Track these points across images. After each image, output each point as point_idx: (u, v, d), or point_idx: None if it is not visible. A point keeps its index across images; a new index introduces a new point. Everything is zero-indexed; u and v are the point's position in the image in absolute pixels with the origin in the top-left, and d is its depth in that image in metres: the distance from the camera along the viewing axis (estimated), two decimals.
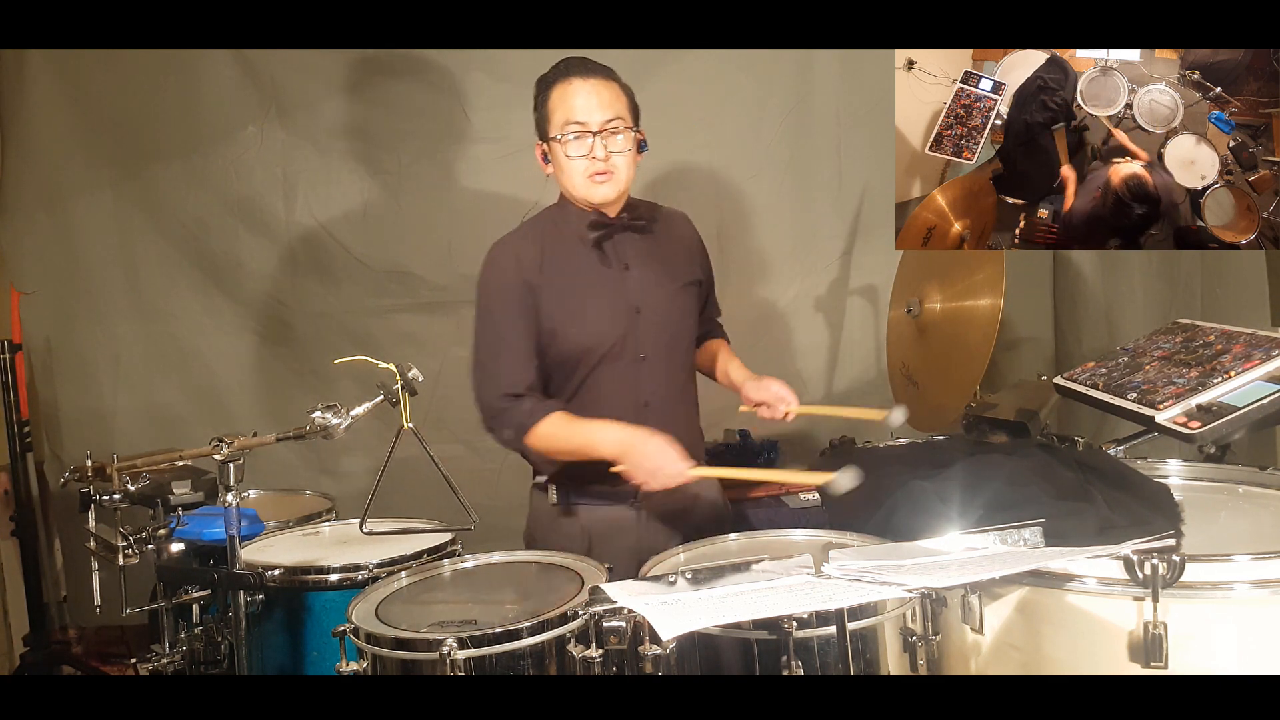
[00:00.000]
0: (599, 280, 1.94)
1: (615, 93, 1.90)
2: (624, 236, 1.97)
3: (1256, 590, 1.36)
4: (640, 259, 1.97)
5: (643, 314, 1.94)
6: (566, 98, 1.87)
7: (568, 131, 1.86)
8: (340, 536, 2.11)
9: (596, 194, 1.90)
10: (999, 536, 1.44)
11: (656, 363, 1.96)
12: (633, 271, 1.96)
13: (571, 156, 1.87)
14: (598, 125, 1.86)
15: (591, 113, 1.86)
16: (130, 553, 1.86)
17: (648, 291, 1.95)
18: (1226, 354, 1.90)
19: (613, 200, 1.94)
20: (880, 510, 1.68)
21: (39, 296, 3.16)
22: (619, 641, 1.38)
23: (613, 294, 1.94)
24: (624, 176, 1.91)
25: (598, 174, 1.88)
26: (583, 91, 1.87)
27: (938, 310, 2.28)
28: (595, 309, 1.93)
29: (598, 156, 1.86)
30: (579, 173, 1.88)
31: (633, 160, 1.93)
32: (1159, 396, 1.85)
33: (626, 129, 1.89)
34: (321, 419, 1.65)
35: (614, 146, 1.88)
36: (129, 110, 3.05)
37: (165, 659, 1.94)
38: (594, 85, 1.87)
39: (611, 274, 1.95)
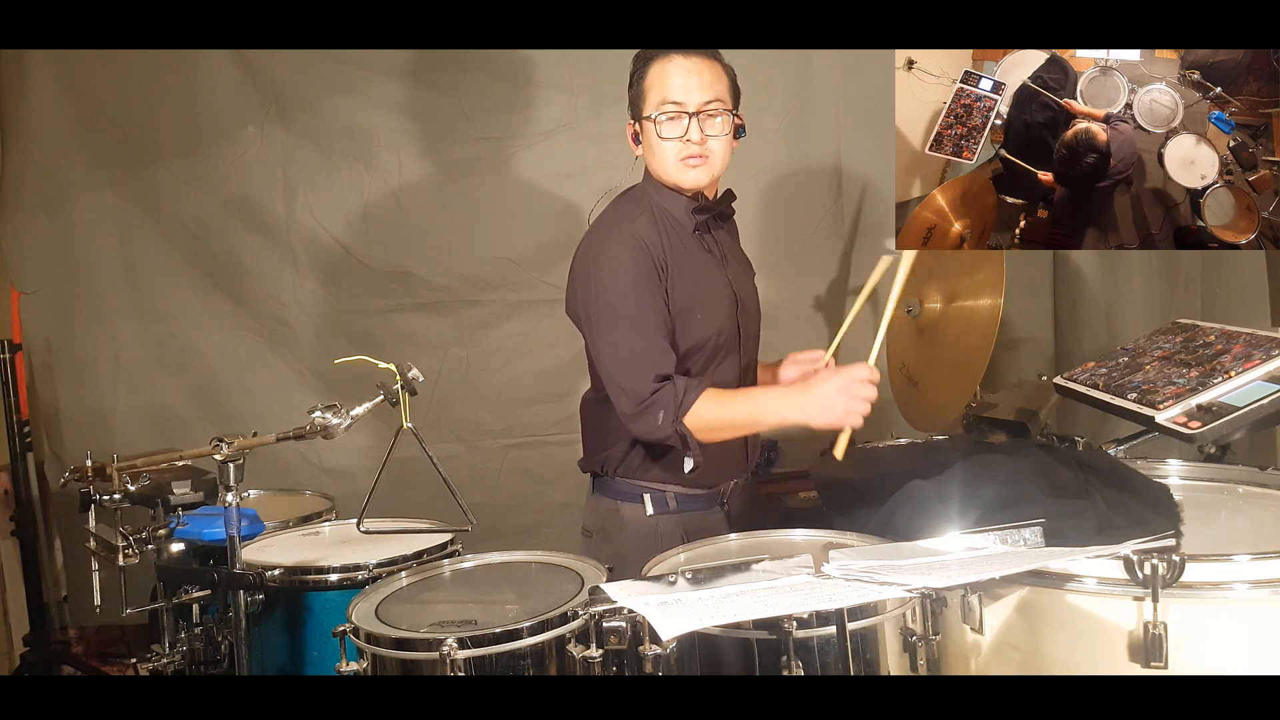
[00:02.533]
0: (710, 269, 1.87)
1: (717, 73, 1.81)
2: (718, 226, 1.93)
3: (1256, 590, 1.35)
4: (728, 249, 1.93)
5: (743, 309, 1.90)
6: (665, 75, 1.78)
7: (663, 111, 1.78)
8: (340, 536, 2.11)
9: (688, 178, 1.82)
10: (999, 536, 1.44)
11: (751, 357, 1.94)
12: (730, 264, 1.91)
13: (665, 138, 1.79)
14: (695, 106, 1.77)
15: (690, 93, 1.77)
16: (130, 553, 1.86)
17: (741, 283, 1.92)
18: (1226, 354, 1.90)
19: (704, 186, 1.85)
20: (880, 510, 1.68)
21: (39, 296, 3.16)
22: (619, 641, 1.38)
23: (720, 284, 1.88)
24: (719, 162, 1.83)
25: (690, 158, 1.80)
26: (682, 70, 1.77)
27: (938, 310, 2.28)
28: (710, 301, 1.85)
29: (692, 139, 1.78)
30: (671, 155, 1.80)
31: (729, 146, 1.84)
32: (1159, 396, 1.85)
33: (725, 112, 1.80)
34: (321, 419, 1.65)
35: (711, 130, 1.79)
36: (129, 110, 3.06)
37: (165, 659, 1.94)
38: (695, 64, 1.78)
39: (716, 263, 1.88)
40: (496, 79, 3.01)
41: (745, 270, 1.97)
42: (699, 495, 1.90)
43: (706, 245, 1.88)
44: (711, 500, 1.93)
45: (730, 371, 1.89)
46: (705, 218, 1.86)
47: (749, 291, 1.94)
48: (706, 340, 1.83)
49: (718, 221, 1.92)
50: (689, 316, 1.81)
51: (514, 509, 3.03)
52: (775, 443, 3.06)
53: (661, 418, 1.74)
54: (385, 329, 3.11)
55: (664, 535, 1.87)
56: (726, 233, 1.96)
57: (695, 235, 1.86)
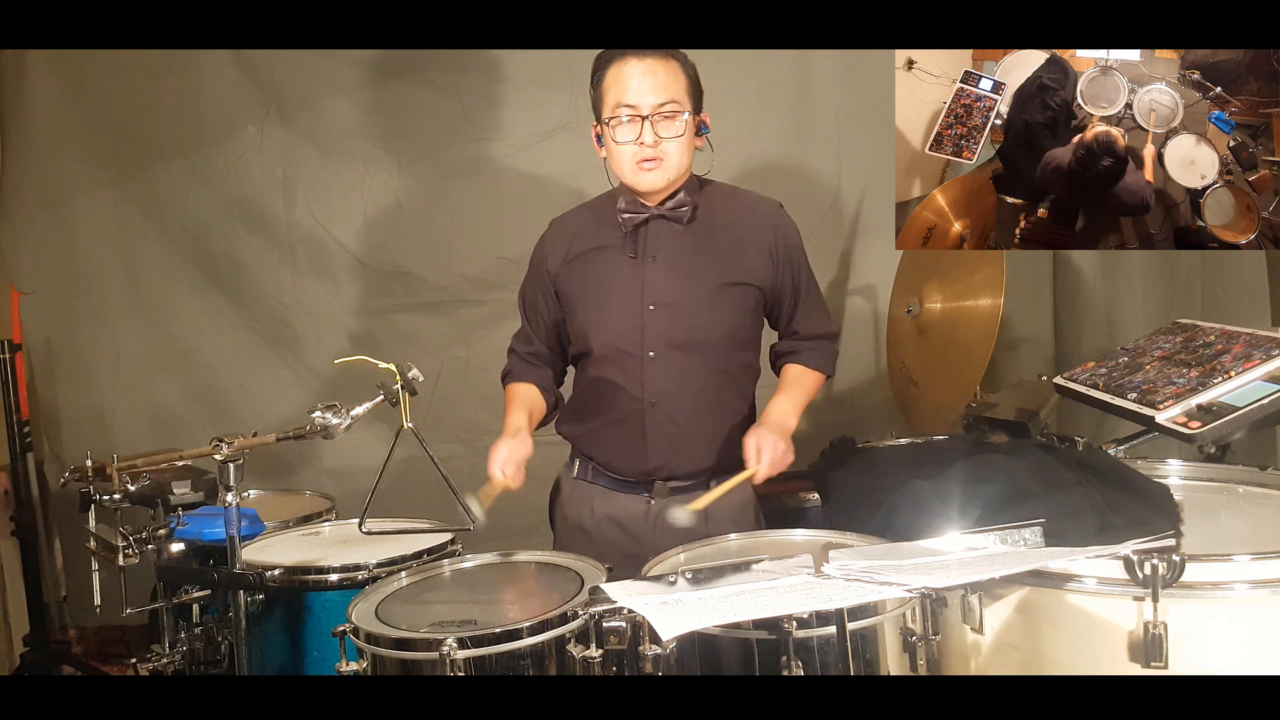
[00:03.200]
0: (618, 272, 1.89)
1: (674, 73, 1.80)
2: (660, 225, 1.88)
3: (1256, 590, 1.35)
4: (671, 250, 1.88)
5: (657, 310, 1.87)
6: (620, 78, 1.79)
7: (619, 114, 1.79)
8: (340, 536, 2.11)
9: (643, 181, 1.83)
10: (999, 536, 1.44)
11: (667, 362, 1.87)
12: (660, 263, 1.88)
13: (620, 142, 1.80)
14: (649, 109, 1.77)
15: (644, 95, 1.77)
16: (130, 553, 1.86)
17: (667, 287, 1.87)
18: (1226, 354, 1.90)
19: (661, 188, 1.85)
20: (880, 510, 1.68)
21: (39, 296, 3.16)
22: (619, 641, 1.38)
23: (626, 287, 1.88)
24: (675, 164, 1.82)
25: (645, 161, 1.80)
26: (637, 72, 1.78)
27: (938, 310, 2.28)
28: (605, 302, 1.89)
29: (646, 142, 1.78)
30: (627, 159, 1.81)
31: (688, 146, 1.83)
32: (1159, 396, 1.85)
33: (682, 113, 1.79)
34: (321, 419, 1.65)
35: (666, 132, 1.79)
36: (129, 110, 3.06)
37: (165, 659, 1.94)
38: (650, 65, 1.78)
39: (633, 265, 1.89)
40: (496, 79, 3.01)
41: (693, 273, 1.88)
42: (613, 477, 1.96)
43: (629, 245, 1.89)
44: (629, 487, 1.95)
45: (632, 363, 1.89)
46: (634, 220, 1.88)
47: (679, 294, 1.86)
48: (594, 341, 1.91)
49: (665, 222, 1.88)
50: (583, 306, 1.92)
51: (514, 509, 3.02)
52: None
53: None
54: (385, 329, 3.11)
55: (580, 499, 2.01)
56: (688, 234, 1.89)
57: (628, 237, 1.89)
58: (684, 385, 1.89)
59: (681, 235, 1.89)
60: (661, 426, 1.89)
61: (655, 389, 1.88)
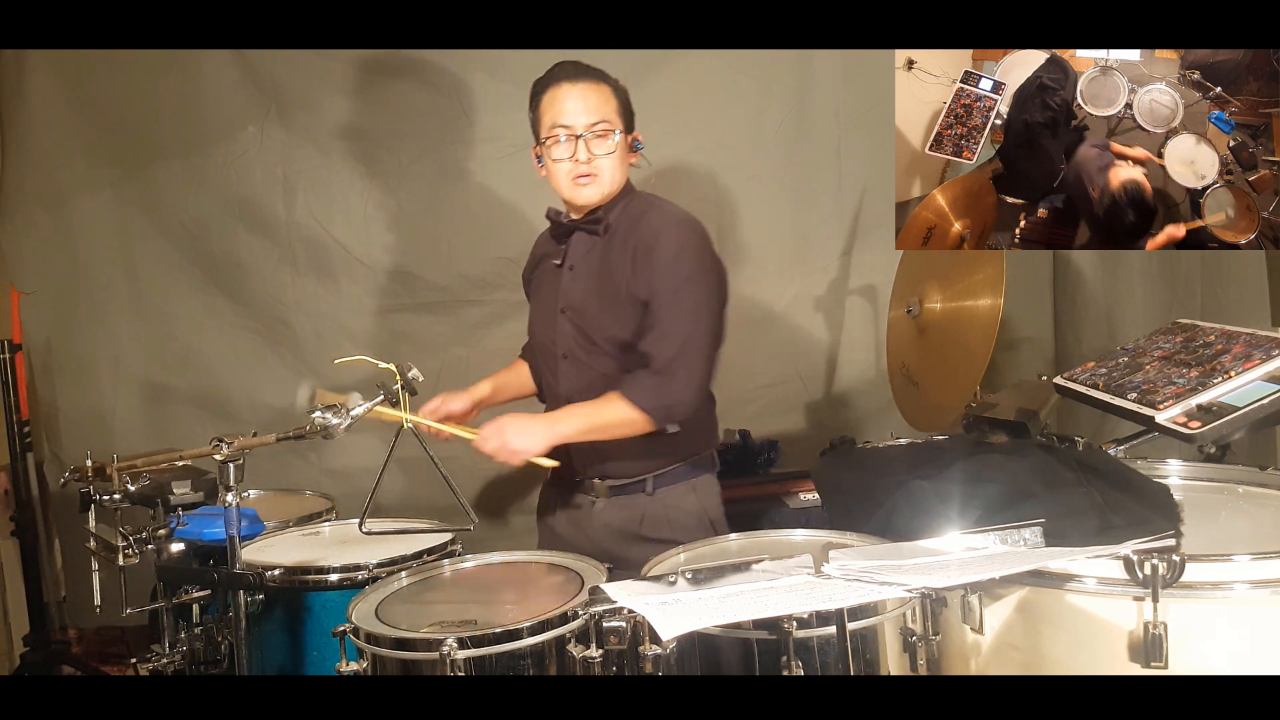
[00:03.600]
0: (548, 277, 2.09)
1: (604, 95, 1.95)
2: (581, 237, 2.03)
3: (1256, 590, 1.35)
4: (584, 260, 2.03)
5: (566, 314, 2.02)
6: (555, 101, 1.94)
7: (555, 134, 1.93)
8: (340, 536, 2.11)
9: (580, 195, 1.96)
10: (999, 536, 1.44)
11: (577, 363, 2.01)
12: (575, 272, 2.03)
13: (556, 159, 1.94)
14: (582, 128, 1.91)
15: (577, 116, 1.91)
16: (130, 553, 1.86)
17: (574, 293, 2.02)
18: (1226, 354, 1.90)
19: (595, 202, 1.98)
20: (880, 510, 1.68)
21: (39, 296, 3.16)
22: (619, 641, 1.38)
23: (549, 294, 2.08)
24: (608, 179, 1.96)
25: (580, 176, 1.94)
26: (570, 95, 1.92)
27: (938, 310, 2.28)
28: (537, 304, 2.14)
29: (580, 159, 1.92)
30: (564, 175, 1.95)
31: (620, 162, 1.97)
32: (1159, 396, 1.85)
33: (614, 131, 1.93)
34: (321, 419, 1.65)
35: (599, 149, 1.93)
36: (129, 110, 3.05)
37: (165, 659, 1.93)
38: (581, 89, 1.93)
39: (557, 272, 2.06)
40: (496, 79, 3.01)
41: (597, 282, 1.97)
42: (560, 477, 2.08)
43: (560, 256, 2.06)
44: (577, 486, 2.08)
45: (553, 365, 2.08)
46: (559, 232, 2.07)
47: (583, 301, 2.00)
48: (532, 330, 2.18)
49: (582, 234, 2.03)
50: (530, 308, 2.19)
51: (515, 509, 3.03)
52: (775, 443, 3.06)
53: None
54: (385, 329, 3.10)
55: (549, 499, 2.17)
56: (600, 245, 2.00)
57: (559, 246, 2.07)
58: (590, 386, 1.98)
59: (597, 246, 2.02)
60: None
61: (567, 388, 2.03)
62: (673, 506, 2.02)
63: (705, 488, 2.07)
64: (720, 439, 3.08)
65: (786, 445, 3.07)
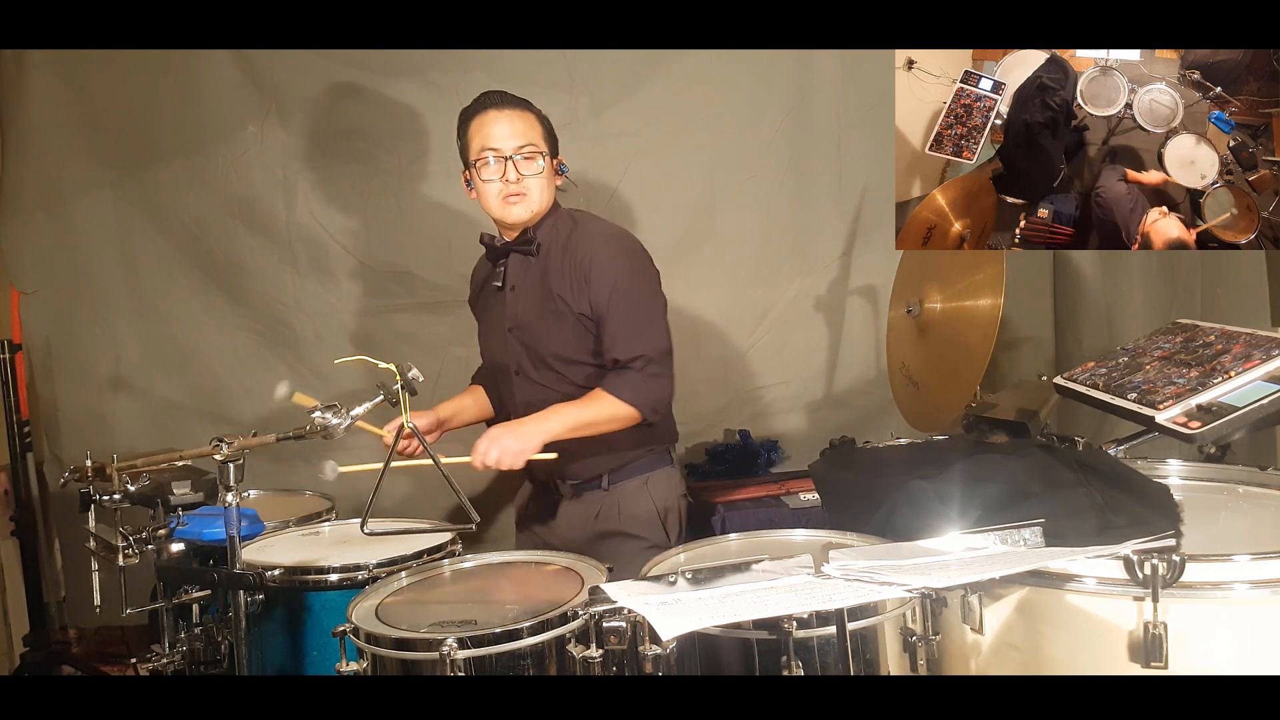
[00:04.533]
0: (492, 299, 2.17)
1: (529, 122, 2.05)
2: (516, 258, 2.12)
3: (1256, 590, 1.35)
4: (523, 280, 2.11)
5: (513, 333, 2.11)
6: (483, 126, 2.03)
7: (484, 156, 2.01)
8: (340, 536, 2.11)
9: (510, 214, 2.05)
10: (999, 536, 1.44)
11: (529, 377, 2.10)
12: (517, 292, 2.11)
13: (486, 180, 2.03)
14: (510, 150, 2.01)
15: (504, 139, 2.01)
16: (130, 553, 1.86)
17: (518, 312, 2.10)
18: (1226, 354, 1.90)
19: (525, 220, 2.07)
20: (880, 510, 1.68)
21: (39, 296, 3.16)
22: (619, 641, 1.38)
23: (496, 314, 2.15)
24: (536, 199, 2.04)
25: (510, 195, 2.02)
26: (498, 120, 2.03)
27: (938, 310, 2.28)
28: (486, 325, 2.22)
29: (510, 179, 2.01)
30: (494, 195, 2.04)
31: (548, 183, 2.06)
32: (1159, 396, 1.85)
33: (540, 154, 2.03)
34: (321, 419, 1.65)
35: (527, 170, 2.02)
36: (129, 110, 3.05)
37: (165, 659, 1.94)
38: (508, 115, 2.03)
39: (499, 295, 2.14)
40: (496, 79, 2.99)
41: (537, 300, 2.07)
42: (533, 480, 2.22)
43: (500, 277, 2.14)
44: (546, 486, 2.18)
45: (507, 382, 2.16)
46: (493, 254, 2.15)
47: (527, 319, 2.08)
48: (484, 350, 2.27)
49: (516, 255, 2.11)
50: (479, 328, 2.28)
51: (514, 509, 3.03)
52: (775, 443, 3.07)
53: None
54: (385, 329, 3.10)
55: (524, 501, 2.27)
56: (536, 264, 2.09)
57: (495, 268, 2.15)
58: (540, 399, 2.07)
59: (532, 266, 2.10)
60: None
61: (520, 400, 2.13)
62: (626, 500, 2.12)
63: (659, 481, 2.16)
64: (721, 439, 3.11)
65: (786, 445, 3.07)
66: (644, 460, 2.14)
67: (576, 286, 2.02)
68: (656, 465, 2.17)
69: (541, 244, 2.08)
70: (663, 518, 2.14)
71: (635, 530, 2.10)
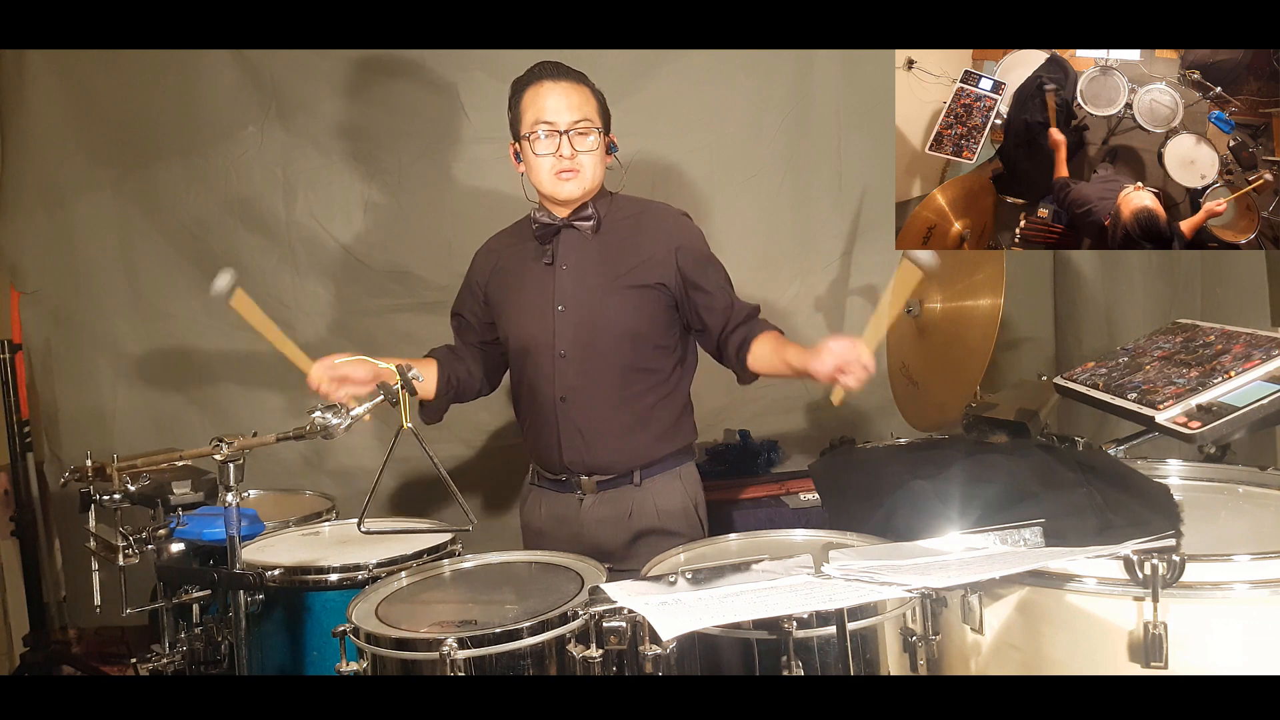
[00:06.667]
0: (533, 278, 2.06)
1: (585, 96, 1.98)
2: (570, 235, 2.04)
3: (1256, 590, 1.35)
4: (580, 258, 2.03)
5: (565, 312, 2.02)
6: (538, 99, 1.96)
7: (537, 130, 1.95)
8: (340, 536, 2.11)
9: (562, 191, 1.99)
10: (999, 536, 1.44)
11: (576, 360, 2.01)
12: (567, 269, 2.03)
13: (539, 154, 1.96)
14: (566, 125, 1.94)
15: (560, 113, 1.94)
16: (130, 553, 1.86)
17: (575, 290, 2.02)
18: (1226, 354, 1.90)
19: (577, 197, 2.01)
20: (880, 510, 1.68)
21: (39, 296, 3.16)
22: (619, 641, 1.38)
23: (539, 292, 2.05)
24: (589, 175, 1.98)
25: (563, 172, 1.96)
26: (553, 93, 1.95)
27: (938, 310, 2.28)
28: (522, 305, 2.07)
29: (564, 155, 1.94)
30: (546, 170, 1.97)
31: (600, 161, 2.01)
32: (1159, 396, 1.85)
33: (594, 130, 1.97)
34: (321, 419, 1.64)
35: (581, 146, 1.96)
36: (129, 110, 3.05)
37: (165, 659, 1.93)
38: (564, 88, 1.96)
39: (546, 271, 2.05)
40: (496, 79, 2.99)
41: (598, 277, 2.02)
42: (550, 478, 2.12)
43: (544, 254, 2.05)
44: (562, 486, 2.09)
45: (542, 372, 2.05)
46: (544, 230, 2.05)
47: (585, 297, 2.01)
48: (515, 341, 2.09)
49: (573, 231, 2.04)
50: (505, 310, 2.12)
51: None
52: (775, 443, 3.06)
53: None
54: (385, 329, 3.10)
55: (532, 502, 2.17)
56: (595, 241, 2.04)
57: (543, 245, 2.06)
58: (592, 382, 2.01)
59: (589, 243, 2.04)
60: (572, 421, 2.03)
61: (564, 385, 2.02)
62: (661, 495, 2.06)
63: (688, 476, 2.13)
64: (721, 439, 3.11)
65: (786, 445, 3.07)
66: (674, 454, 2.10)
67: (661, 259, 2.01)
68: (684, 459, 2.13)
69: (604, 221, 2.04)
70: (696, 512, 2.11)
71: (673, 526, 2.05)
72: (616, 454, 2.03)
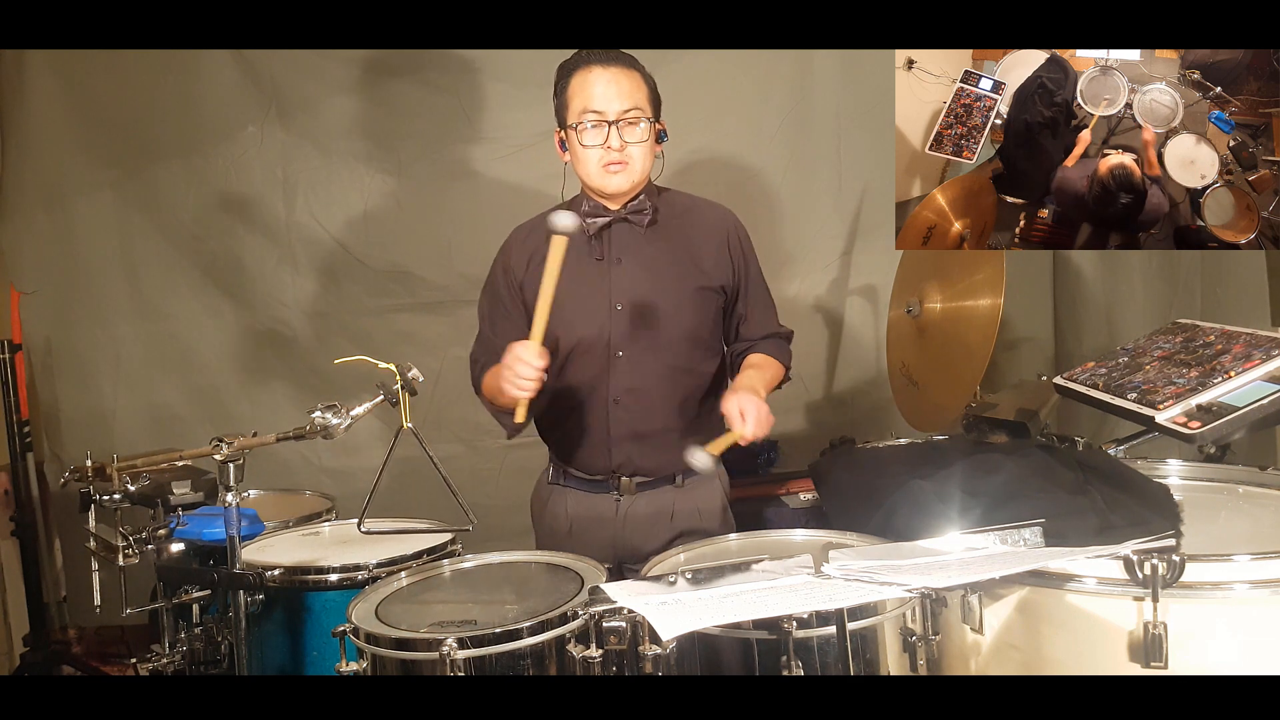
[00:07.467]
0: (584, 274, 1.92)
1: (636, 82, 1.87)
2: (623, 228, 1.94)
3: (1256, 590, 1.35)
4: (636, 253, 1.94)
5: (623, 310, 1.92)
6: (585, 86, 1.85)
7: (584, 120, 1.84)
8: (340, 536, 2.11)
9: (610, 184, 1.89)
10: (999, 536, 1.44)
11: (633, 361, 1.93)
12: (624, 266, 1.93)
13: (587, 145, 1.86)
14: (615, 115, 1.84)
15: (609, 102, 1.84)
16: (130, 553, 1.86)
17: (633, 288, 1.92)
18: (1226, 354, 1.90)
19: (625, 191, 1.91)
20: (880, 510, 1.68)
21: (39, 296, 3.16)
22: (619, 641, 1.38)
23: (594, 288, 1.93)
24: (639, 167, 1.89)
25: (612, 164, 1.86)
26: (602, 80, 1.84)
27: (938, 310, 2.28)
28: (573, 303, 1.90)
29: (613, 146, 1.84)
30: (594, 162, 1.87)
31: (650, 151, 1.90)
32: (1159, 396, 1.85)
33: (644, 120, 1.87)
34: (321, 419, 1.65)
35: (630, 137, 1.85)
36: (129, 110, 3.05)
37: (165, 659, 1.93)
38: (614, 74, 1.85)
39: (599, 268, 1.94)
40: (496, 79, 3.01)
41: (658, 275, 1.93)
42: (582, 478, 2.02)
43: (597, 248, 1.94)
44: (597, 486, 2.02)
45: (593, 372, 1.95)
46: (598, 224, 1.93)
47: (645, 296, 1.92)
48: (567, 331, 1.92)
49: (628, 225, 1.94)
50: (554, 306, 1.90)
51: (514, 509, 3.03)
52: (775, 443, 3.06)
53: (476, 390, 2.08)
54: (385, 329, 3.10)
55: (555, 502, 2.06)
56: (650, 236, 1.95)
57: (593, 239, 1.93)
58: (648, 383, 1.94)
59: (644, 238, 1.94)
60: (625, 423, 1.96)
61: (620, 386, 1.94)
62: (700, 496, 2.02)
63: (722, 475, 2.10)
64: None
65: (786, 445, 3.07)
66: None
67: (717, 259, 1.97)
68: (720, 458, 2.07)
69: (656, 217, 1.95)
70: (728, 511, 2.08)
71: (712, 526, 1.99)
72: (668, 456, 1.94)
